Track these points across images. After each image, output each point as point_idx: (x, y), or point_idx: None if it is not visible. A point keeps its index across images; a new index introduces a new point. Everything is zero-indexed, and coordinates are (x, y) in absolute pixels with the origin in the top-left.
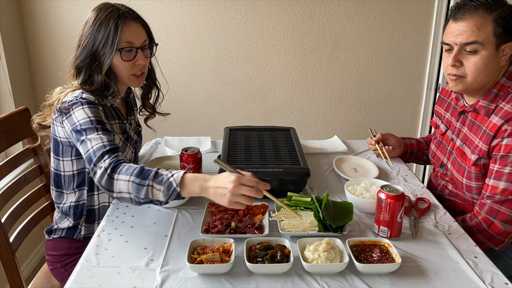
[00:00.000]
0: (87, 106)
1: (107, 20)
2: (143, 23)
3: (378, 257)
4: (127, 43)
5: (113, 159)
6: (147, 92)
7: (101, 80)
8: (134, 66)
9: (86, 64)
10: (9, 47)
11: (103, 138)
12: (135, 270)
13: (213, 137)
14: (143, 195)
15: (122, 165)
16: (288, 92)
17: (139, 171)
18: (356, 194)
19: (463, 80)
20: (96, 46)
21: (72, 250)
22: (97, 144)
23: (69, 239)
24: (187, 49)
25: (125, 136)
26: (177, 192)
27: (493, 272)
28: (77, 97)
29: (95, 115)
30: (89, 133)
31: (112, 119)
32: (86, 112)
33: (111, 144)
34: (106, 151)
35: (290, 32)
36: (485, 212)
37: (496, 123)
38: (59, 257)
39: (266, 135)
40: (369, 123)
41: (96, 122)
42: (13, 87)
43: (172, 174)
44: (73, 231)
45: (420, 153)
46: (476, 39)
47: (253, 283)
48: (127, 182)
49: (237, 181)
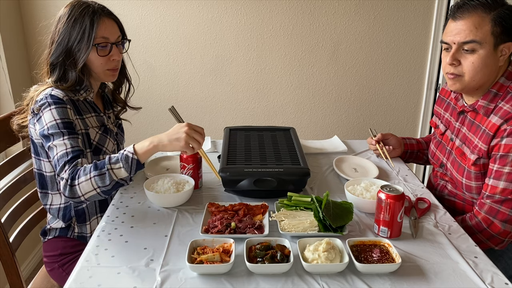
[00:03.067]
0: (54, 107)
1: (82, 16)
2: (116, 19)
3: (378, 257)
4: (102, 38)
5: (71, 169)
6: (118, 87)
7: (75, 77)
8: (109, 61)
9: (60, 61)
10: (9, 47)
11: (67, 144)
12: (135, 270)
13: (213, 137)
14: (108, 181)
15: (79, 170)
16: (288, 92)
17: (94, 165)
18: (356, 194)
19: (461, 79)
20: (71, 42)
21: (68, 249)
22: (61, 151)
23: (64, 238)
24: (187, 49)
25: (103, 128)
26: (136, 160)
27: (493, 272)
28: (46, 95)
29: (62, 117)
30: (56, 138)
31: (87, 112)
32: (53, 114)
33: (74, 150)
34: (68, 160)
35: (290, 32)
36: (485, 211)
37: (495, 123)
38: (56, 257)
39: (266, 135)
40: (369, 123)
41: (62, 125)
42: (13, 87)
43: (124, 150)
44: (66, 231)
45: (420, 153)
46: (474, 38)
47: (253, 283)
48: (89, 180)
49: (190, 126)
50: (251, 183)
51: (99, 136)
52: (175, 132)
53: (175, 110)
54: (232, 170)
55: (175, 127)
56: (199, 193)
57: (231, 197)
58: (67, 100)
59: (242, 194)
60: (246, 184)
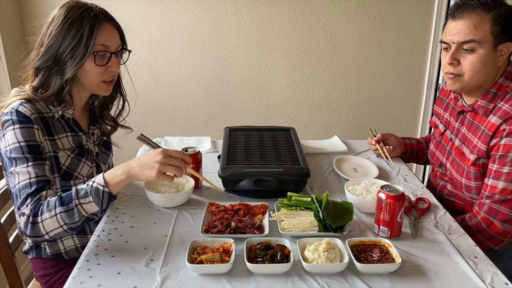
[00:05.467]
0: (18, 127)
1: (80, 19)
2: (118, 26)
3: (378, 257)
4: (102, 46)
5: (34, 203)
6: (108, 103)
7: (58, 86)
8: (106, 72)
9: (47, 66)
10: (9, 47)
11: (31, 173)
12: (135, 270)
13: (213, 137)
14: (77, 217)
15: (41, 205)
16: (288, 92)
17: (60, 200)
18: (356, 194)
19: (460, 79)
20: (63, 47)
21: (48, 270)
22: (24, 181)
23: (40, 259)
24: (187, 49)
25: (77, 151)
26: (108, 192)
27: (493, 272)
28: (12, 110)
29: (26, 139)
30: (18, 164)
31: (61, 132)
32: (16, 134)
33: (39, 181)
34: (30, 193)
35: (290, 32)
36: (484, 211)
37: (494, 122)
38: (42, 278)
39: (266, 135)
40: (369, 123)
41: (26, 150)
42: (13, 87)
43: (93, 181)
44: (40, 251)
45: (420, 153)
46: (473, 38)
47: (253, 283)
48: (55, 217)
49: (165, 153)
50: (251, 183)
51: (71, 160)
52: (148, 159)
53: (145, 137)
54: (232, 170)
55: (149, 154)
56: (199, 193)
57: (231, 197)
58: (35, 119)
59: (242, 194)
60: (246, 184)
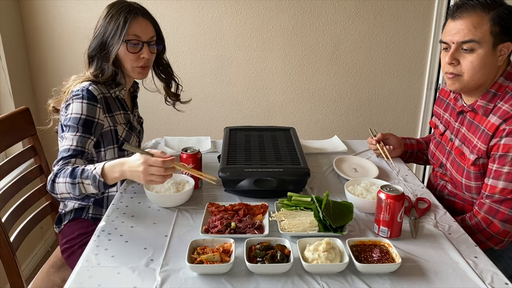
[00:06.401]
0: (86, 102)
1: (118, 13)
2: (152, 20)
3: (378, 257)
4: (134, 36)
5: (61, 166)
6: (168, 83)
7: (111, 70)
8: (138, 59)
9: (96, 53)
10: (9, 47)
11: (74, 141)
12: (135, 270)
13: (213, 137)
14: (78, 192)
15: (63, 170)
16: (288, 92)
17: (71, 172)
18: (356, 194)
19: (460, 79)
20: (106, 37)
21: (85, 229)
22: (66, 145)
23: (79, 219)
24: (187, 49)
25: (129, 125)
26: (103, 182)
27: (493, 272)
28: (83, 88)
29: (88, 114)
30: (70, 131)
31: (116, 109)
32: (82, 107)
33: (76, 149)
34: (65, 157)
35: (290, 32)
36: (484, 211)
37: (494, 122)
38: (75, 240)
39: (266, 135)
40: (369, 123)
41: (82, 122)
42: (13, 87)
43: (95, 167)
44: (81, 211)
45: (420, 153)
46: (472, 38)
47: (253, 283)
48: (65, 184)
49: (145, 163)
50: (251, 183)
51: (126, 133)
52: (134, 167)
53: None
54: (232, 170)
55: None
56: (199, 193)
57: (231, 197)
58: (100, 98)
59: (242, 194)
60: (246, 184)
